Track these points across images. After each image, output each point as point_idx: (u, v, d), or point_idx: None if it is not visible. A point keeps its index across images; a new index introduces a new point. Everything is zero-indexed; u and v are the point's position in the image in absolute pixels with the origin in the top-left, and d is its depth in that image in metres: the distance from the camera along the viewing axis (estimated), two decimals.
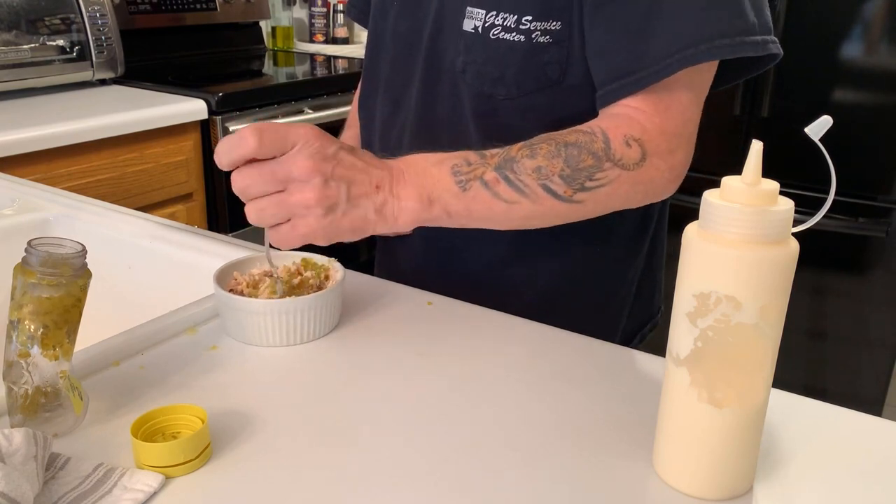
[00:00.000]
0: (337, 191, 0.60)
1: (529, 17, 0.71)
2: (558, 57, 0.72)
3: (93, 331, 0.63)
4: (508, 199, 0.65)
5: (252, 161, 0.59)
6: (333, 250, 0.89)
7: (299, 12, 2.77)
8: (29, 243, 0.51)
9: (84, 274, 0.52)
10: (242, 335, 0.66)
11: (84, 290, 0.52)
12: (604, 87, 0.70)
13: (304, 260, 0.72)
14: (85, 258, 0.52)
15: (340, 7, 2.71)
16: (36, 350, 0.50)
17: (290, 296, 0.67)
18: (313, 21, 2.71)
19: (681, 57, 0.66)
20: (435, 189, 0.64)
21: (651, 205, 0.87)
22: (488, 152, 0.66)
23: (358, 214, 0.61)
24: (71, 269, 0.51)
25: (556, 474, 0.50)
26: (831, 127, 0.44)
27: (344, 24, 2.74)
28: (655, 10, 0.67)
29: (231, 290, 0.68)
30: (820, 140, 0.44)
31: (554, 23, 0.71)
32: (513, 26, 0.72)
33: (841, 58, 1.91)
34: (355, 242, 0.96)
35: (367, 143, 0.92)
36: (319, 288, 0.69)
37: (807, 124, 0.44)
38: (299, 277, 0.70)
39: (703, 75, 0.70)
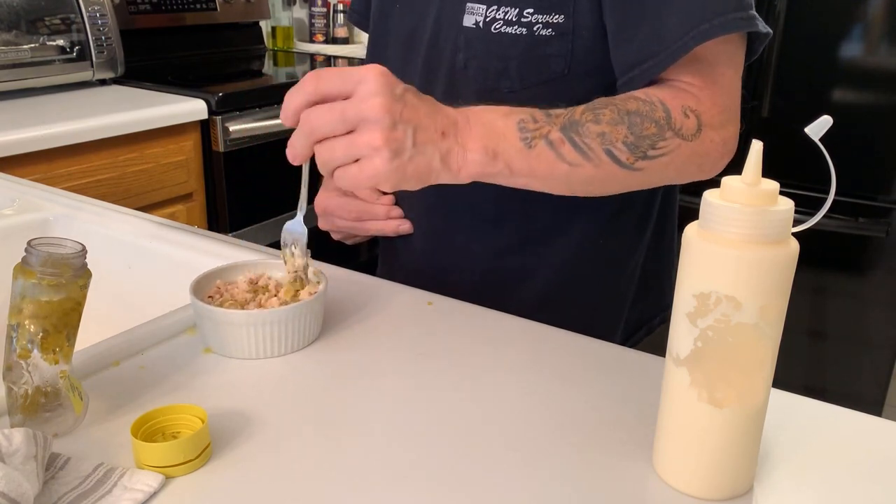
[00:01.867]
0: (404, 134, 0.58)
1: (531, 10, 0.72)
2: (562, 50, 0.73)
3: (93, 331, 0.63)
4: (572, 160, 0.64)
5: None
6: (334, 251, 0.89)
7: (299, 12, 2.77)
8: (29, 243, 0.51)
9: (84, 274, 0.52)
10: (222, 348, 0.64)
11: (84, 290, 0.52)
12: (625, 75, 0.71)
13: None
14: (85, 258, 0.52)
15: (340, 7, 2.71)
16: (36, 353, 0.50)
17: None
18: (313, 21, 2.71)
19: (696, 33, 0.66)
20: (500, 143, 0.62)
21: (653, 197, 0.87)
22: (553, 112, 0.65)
23: (423, 160, 0.59)
24: (71, 269, 0.51)
25: (556, 474, 0.50)
26: (831, 127, 0.44)
27: (344, 24, 2.74)
28: None
29: (210, 299, 0.67)
30: (820, 140, 0.44)
31: (556, 15, 0.72)
32: (514, 19, 0.73)
33: (841, 58, 1.91)
34: (355, 245, 0.96)
35: None
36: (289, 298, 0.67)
37: (807, 124, 0.44)
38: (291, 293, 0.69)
39: (738, 50, 0.71)
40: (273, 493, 0.48)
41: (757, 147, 0.44)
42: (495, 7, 0.73)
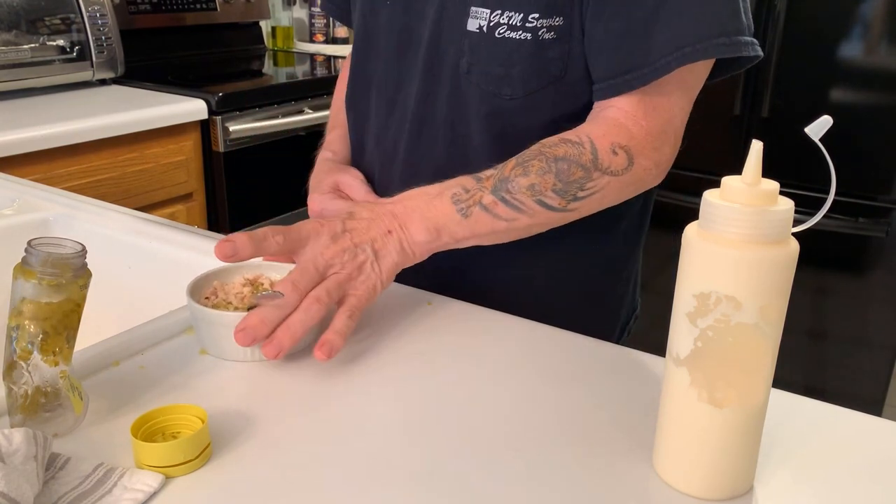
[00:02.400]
0: (365, 255, 0.66)
1: (536, 15, 0.72)
2: (561, 52, 0.73)
3: (93, 331, 0.63)
4: (508, 217, 0.70)
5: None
6: None
7: (299, 12, 2.77)
8: (29, 243, 0.51)
9: (84, 274, 0.52)
10: (216, 350, 0.63)
11: (84, 290, 0.52)
12: (603, 81, 0.72)
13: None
14: (85, 258, 0.52)
15: None
16: (36, 354, 0.50)
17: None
18: (313, 21, 2.71)
19: (679, 55, 0.67)
20: (440, 219, 0.69)
21: (647, 204, 0.87)
22: (483, 175, 0.70)
23: (387, 263, 0.67)
24: (71, 269, 0.51)
25: (556, 474, 0.50)
26: (831, 127, 0.44)
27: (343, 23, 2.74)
28: (656, 9, 0.68)
29: (206, 300, 0.66)
30: (820, 140, 0.44)
31: (557, 18, 0.72)
32: (519, 24, 0.72)
33: (841, 58, 1.91)
34: None
35: (358, 144, 0.90)
36: None
37: (807, 124, 0.44)
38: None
39: (697, 74, 0.72)
40: (273, 493, 0.48)
41: (757, 147, 0.44)
42: (499, 11, 0.73)
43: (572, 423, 0.56)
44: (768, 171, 0.43)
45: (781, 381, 0.51)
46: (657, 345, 0.59)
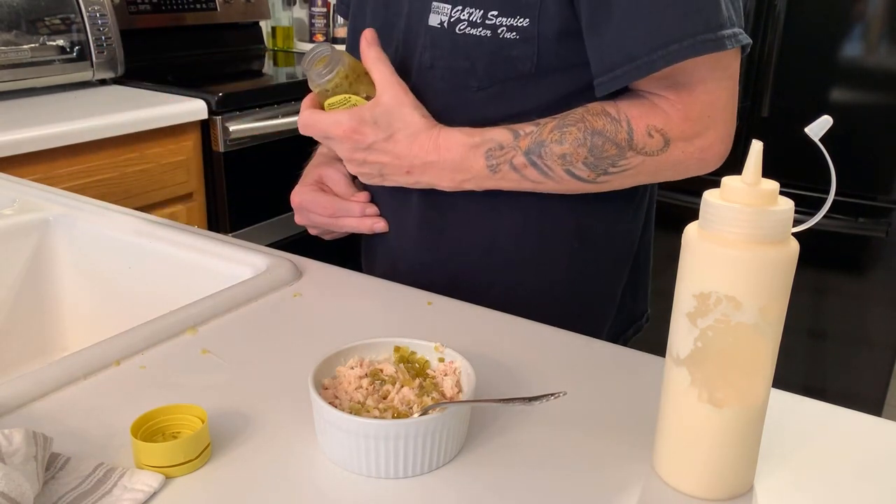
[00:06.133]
0: (370, 169, 0.76)
1: (495, 13, 0.72)
2: (527, 52, 0.73)
3: (93, 331, 0.63)
4: (535, 179, 0.74)
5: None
6: (317, 251, 0.87)
7: (299, 12, 2.77)
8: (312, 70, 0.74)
9: (335, 60, 0.73)
10: (343, 460, 0.50)
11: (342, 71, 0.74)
12: (597, 76, 0.72)
13: (396, 349, 0.58)
14: (324, 50, 0.74)
15: None
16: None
17: (397, 409, 0.51)
18: (313, 21, 2.71)
19: (664, 53, 0.67)
20: (468, 172, 0.74)
21: (640, 210, 0.87)
22: (522, 131, 0.73)
23: (389, 182, 0.78)
24: (324, 63, 0.73)
25: (556, 474, 0.50)
26: (831, 127, 0.44)
27: (344, 24, 2.74)
28: (641, 5, 0.67)
29: (326, 389, 0.54)
30: (820, 140, 0.44)
31: (521, 19, 0.71)
32: (479, 21, 0.73)
33: (841, 58, 1.91)
34: (354, 244, 0.96)
35: None
36: (424, 387, 0.53)
37: (807, 124, 0.44)
38: (418, 381, 0.54)
39: (721, 60, 0.71)
40: (273, 493, 0.48)
41: (757, 147, 0.44)
42: (460, 7, 0.73)
43: (572, 422, 0.56)
44: (768, 171, 0.43)
45: (781, 381, 0.51)
46: (657, 345, 0.59)
